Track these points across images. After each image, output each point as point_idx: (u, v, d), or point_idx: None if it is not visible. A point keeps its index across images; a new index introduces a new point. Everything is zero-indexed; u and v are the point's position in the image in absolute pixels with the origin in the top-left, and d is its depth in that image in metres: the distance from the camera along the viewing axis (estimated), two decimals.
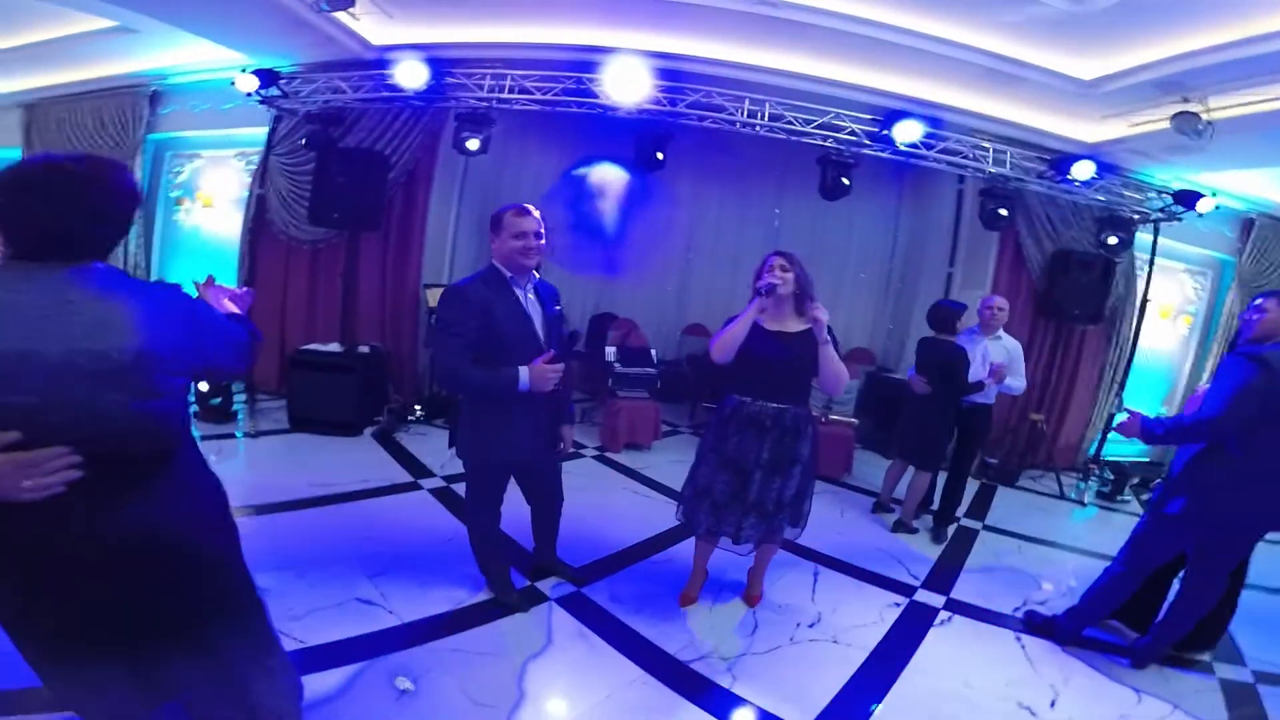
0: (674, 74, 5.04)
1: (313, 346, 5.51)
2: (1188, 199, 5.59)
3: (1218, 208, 5.82)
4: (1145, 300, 6.31)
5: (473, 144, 5.43)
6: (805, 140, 5.26)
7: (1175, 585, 3.03)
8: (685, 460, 5.28)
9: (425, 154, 5.88)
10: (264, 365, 5.92)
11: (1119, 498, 5.85)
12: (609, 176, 7.54)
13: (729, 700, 2.50)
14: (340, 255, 5.76)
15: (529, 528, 3.22)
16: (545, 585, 3.19)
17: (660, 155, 5.43)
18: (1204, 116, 4.24)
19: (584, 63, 4.94)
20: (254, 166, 6.08)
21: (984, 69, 4.52)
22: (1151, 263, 6.30)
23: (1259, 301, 2.73)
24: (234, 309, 1.86)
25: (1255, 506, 2.67)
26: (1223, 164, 5.42)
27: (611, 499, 4.55)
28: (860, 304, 7.99)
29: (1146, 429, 2.76)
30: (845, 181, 5.38)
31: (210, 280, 1.93)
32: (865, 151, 5.30)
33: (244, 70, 5.21)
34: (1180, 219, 5.92)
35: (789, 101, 5.10)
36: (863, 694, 2.62)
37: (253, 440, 4.94)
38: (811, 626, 3.11)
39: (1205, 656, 3.12)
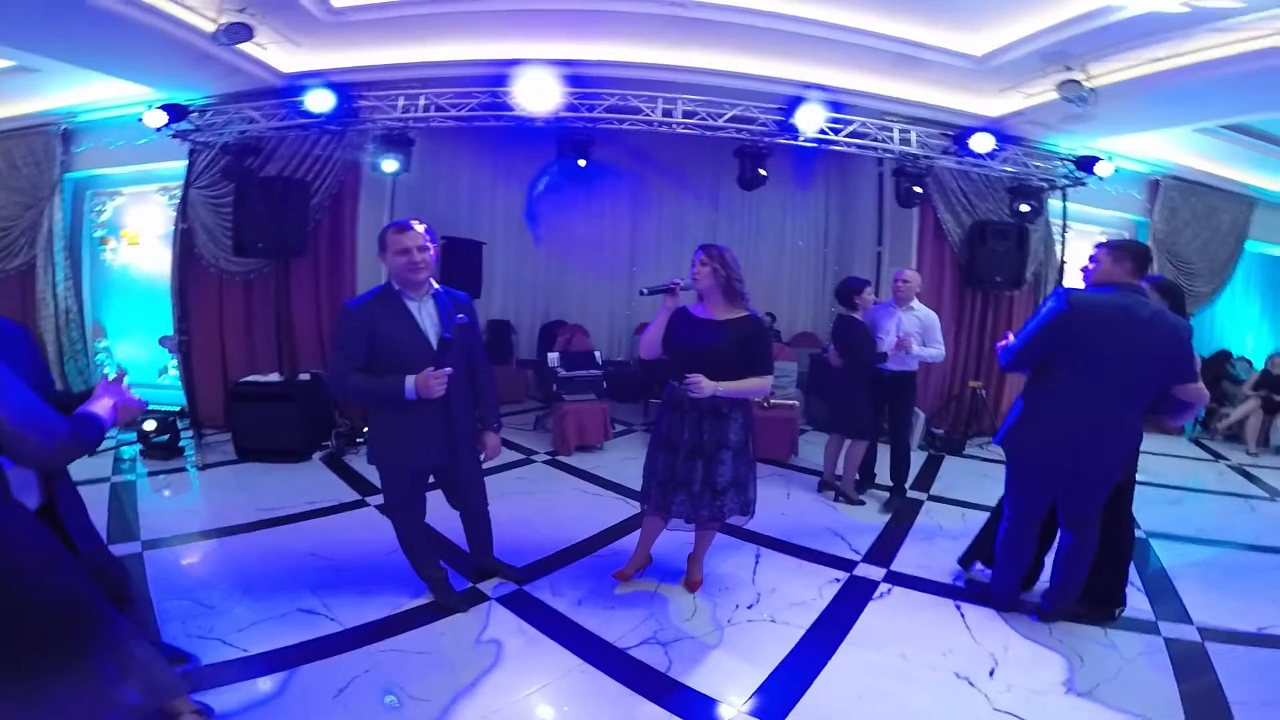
0: (587, 80, 5.12)
1: (253, 378, 5.46)
2: (1088, 165, 5.86)
3: (1118, 171, 6.12)
4: (1063, 264, 6.58)
5: (389, 165, 5.46)
6: (720, 134, 5.38)
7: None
8: (637, 457, 5.38)
9: (349, 176, 5.89)
10: (208, 399, 5.83)
11: None
12: (545, 184, 7.62)
13: (666, 684, 2.54)
14: (272, 284, 5.72)
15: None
16: (486, 586, 3.25)
17: (584, 161, 5.51)
18: (1086, 84, 4.45)
19: (497, 77, 4.99)
20: (177, 201, 5.99)
21: (883, 52, 4.71)
22: (1065, 227, 6.60)
23: (1094, 252, 2.92)
24: (101, 408, 1.74)
25: (1044, 438, 2.80)
26: (1114, 129, 5.70)
27: (560, 500, 4.62)
28: (801, 289, 8.22)
29: (1000, 355, 3.01)
30: (762, 172, 5.51)
31: (118, 378, 1.88)
32: (778, 141, 5.43)
33: (149, 106, 5.13)
34: (1085, 184, 6.21)
35: (701, 98, 5.22)
36: (797, 671, 2.66)
37: (202, 473, 4.92)
38: (750, 607, 3.17)
39: (1114, 616, 3.12)
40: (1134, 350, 2.62)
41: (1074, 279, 6.79)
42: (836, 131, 5.36)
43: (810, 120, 5.08)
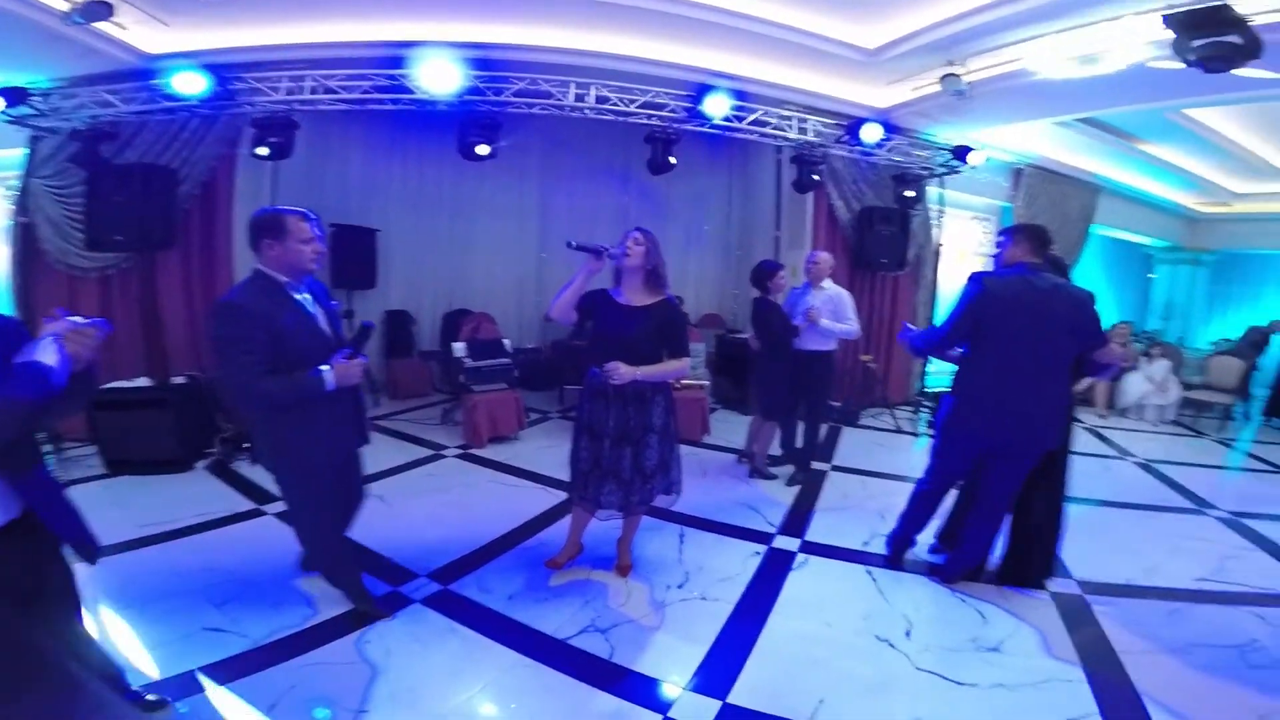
0: (494, 63, 4.96)
1: (117, 384, 4.89)
2: (962, 154, 6.34)
3: (990, 160, 6.66)
4: (940, 246, 7.10)
5: (262, 150, 5.04)
6: (631, 120, 5.37)
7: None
8: (554, 445, 5.42)
9: (222, 163, 5.44)
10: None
11: None
12: (447, 170, 7.33)
13: (610, 671, 2.54)
14: (134, 280, 5.17)
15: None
16: (408, 588, 3.10)
17: (490, 146, 5.33)
18: (964, 78, 4.78)
19: (394, 58, 4.75)
20: (15, 193, 5.27)
21: (785, 42, 4.83)
22: (941, 213, 7.13)
23: (1000, 238, 3.17)
24: (41, 352, 1.48)
25: (983, 419, 2.98)
26: (986, 120, 6.15)
27: (475, 495, 4.47)
28: (707, 271, 8.42)
29: (909, 341, 3.28)
30: (671, 158, 5.55)
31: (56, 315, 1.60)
32: (686, 127, 5.49)
33: None
34: (960, 172, 6.72)
35: (613, 83, 5.19)
36: (734, 646, 2.73)
37: (66, 490, 4.33)
38: (680, 587, 3.21)
39: (1045, 586, 3.27)
40: (1040, 321, 2.83)
41: (951, 260, 7.41)
42: (740, 119, 5.50)
43: (717, 107, 5.18)
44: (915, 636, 2.83)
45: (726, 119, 5.39)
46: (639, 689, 2.44)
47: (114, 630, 2.66)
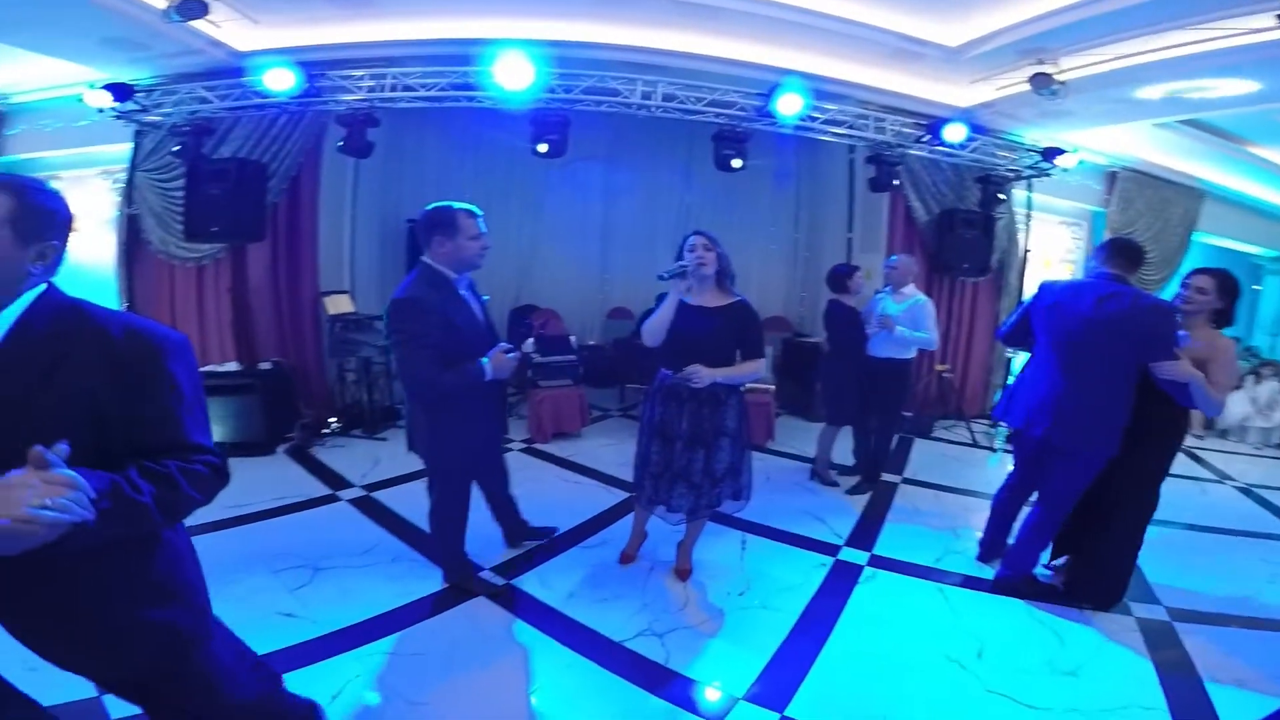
0: (566, 60, 4.97)
1: (208, 368, 5.19)
2: (1052, 156, 6.00)
3: (1081, 163, 6.29)
4: (1027, 252, 6.75)
5: (351, 146, 5.20)
6: (698, 119, 5.32)
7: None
8: (616, 443, 5.44)
9: (308, 159, 5.63)
10: None
11: None
12: (517, 167, 7.43)
13: (665, 675, 2.52)
14: (227, 271, 5.46)
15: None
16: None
17: (560, 142, 5.37)
18: (1057, 77, 4.53)
19: (469, 56, 4.82)
20: (121, 185, 5.64)
21: (863, 40, 4.68)
22: (1028, 217, 6.76)
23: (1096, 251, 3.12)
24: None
25: (1012, 400, 3.22)
26: (1080, 122, 5.80)
27: (541, 489, 4.49)
28: (772, 273, 8.22)
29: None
30: (739, 157, 5.47)
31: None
32: (756, 125, 5.40)
33: (92, 86, 4.81)
34: (1049, 175, 6.35)
35: (681, 81, 5.14)
36: (795, 658, 2.67)
37: None
38: (741, 594, 3.16)
39: (1110, 612, 3.11)
40: (1092, 327, 2.80)
41: (1038, 267, 7.05)
42: (814, 119, 5.35)
43: (790, 106, 5.06)
44: (987, 657, 2.73)
45: (800, 117, 5.25)
46: (694, 695, 2.42)
47: None
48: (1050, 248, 7.54)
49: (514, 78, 4.72)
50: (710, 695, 2.43)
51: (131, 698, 1.41)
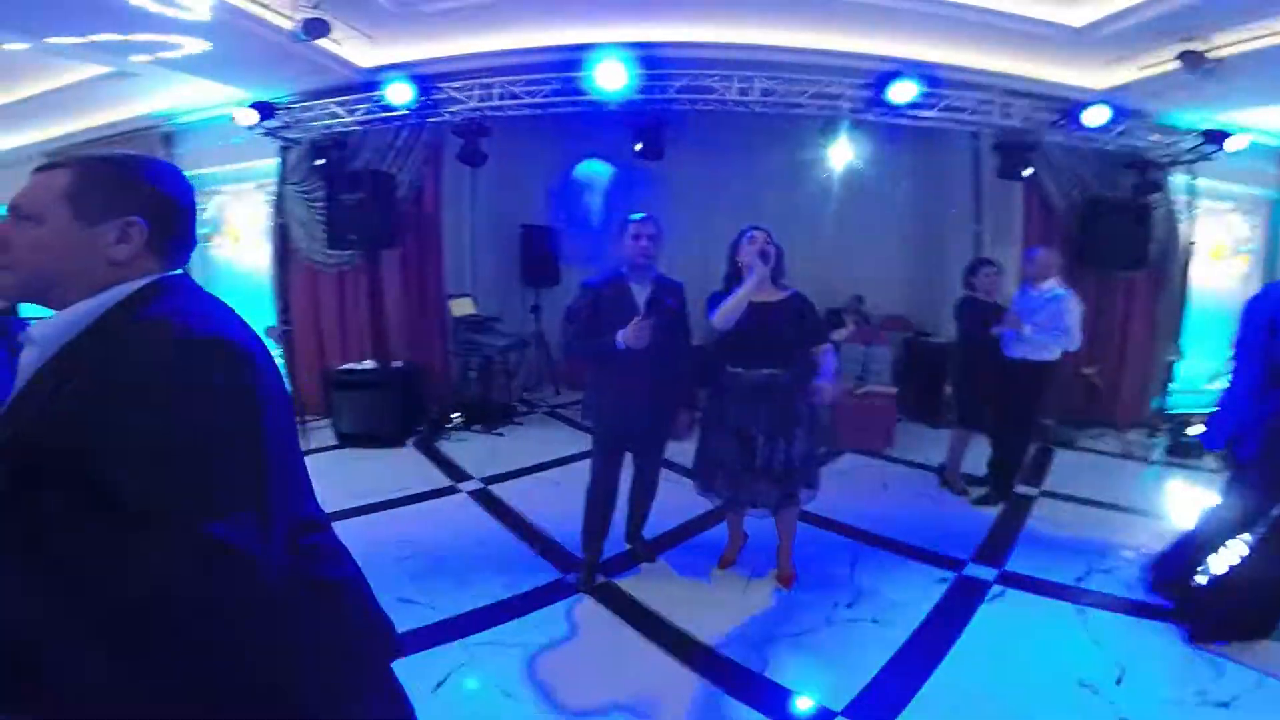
0: (660, 61, 5.00)
1: (349, 366, 5.66)
2: (1216, 138, 5.35)
3: (1253, 144, 5.52)
4: (1190, 243, 5.98)
5: (466, 155, 5.48)
6: (799, 112, 5.17)
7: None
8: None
9: (430, 169, 5.99)
10: (308, 388, 6.10)
11: (1195, 454, 5.23)
12: (617, 170, 7.49)
13: (762, 686, 2.46)
14: (364, 276, 5.93)
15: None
16: (573, 576, 3.25)
17: (658, 143, 5.39)
18: (1209, 54, 4.07)
19: (569, 61, 4.95)
20: (273, 197, 6.25)
21: (974, 24, 4.43)
22: (1190, 204, 6.01)
23: None
24: None
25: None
26: (1244, 101, 5.18)
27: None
28: (891, 270, 7.73)
29: None
30: (848, 149, 5.25)
31: None
32: (866, 117, 5.18)
33: (240, 105, 5.36)
34: (1212, 159, 5.65)
35: (779, 75, 5.00)
36: (904, 676, 2.50)
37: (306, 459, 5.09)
38: (849, 606, 3.02)
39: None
40: None
41: (1204, 261, 6.22)
42: (930, 106, 5.04)
43: (903, 94, 4.80)
44: (1128, 684, 2.46)
45: (914, 105, 4.94)
46: (788, 708, 2.38)
47: None
48: (1220, 237, 6.61)
49: (609, 81, 4.81)
50: (803, 706, 2.36)
51: None
